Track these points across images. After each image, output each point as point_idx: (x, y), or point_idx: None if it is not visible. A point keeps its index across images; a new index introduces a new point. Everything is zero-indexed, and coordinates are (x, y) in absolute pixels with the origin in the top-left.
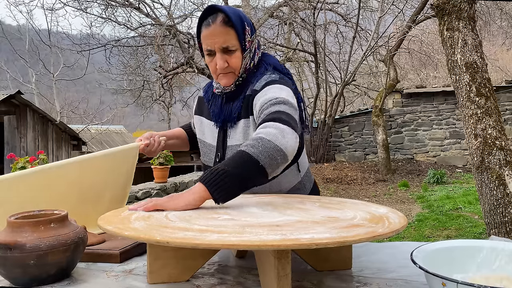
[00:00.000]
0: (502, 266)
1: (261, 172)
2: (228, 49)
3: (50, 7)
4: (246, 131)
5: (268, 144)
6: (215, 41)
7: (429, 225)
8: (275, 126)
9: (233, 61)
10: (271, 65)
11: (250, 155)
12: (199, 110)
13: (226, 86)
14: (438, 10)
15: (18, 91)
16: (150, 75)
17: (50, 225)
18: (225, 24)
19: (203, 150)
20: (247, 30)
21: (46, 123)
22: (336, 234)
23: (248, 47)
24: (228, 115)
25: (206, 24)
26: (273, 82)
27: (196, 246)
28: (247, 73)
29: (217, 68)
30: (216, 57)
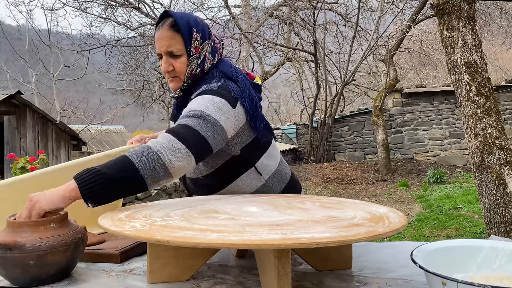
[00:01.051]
0: (502, 265)
1: (139, 181)
2: (173, 54)
3: (50, 7)
4: None
5: (152, 156)
6: (162, 44)
7: (429, 225)
8: (169, 140)
9: (177, 65)
10: (221, 71)
11: (131, 162)
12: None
13: (173, 89)
14: (438, 9)
15: (18, 91)
16: (150, 75)
17: (50, 225)
18: (171, 28)
19: None
20: (195, 36)
21: (46, 123)
22: (336, 234)
23: (194, 53)
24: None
25: (157, 28)
26: (206, 92)
27: (196, 246)
28: (193, 79)
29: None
30: (162, 60)
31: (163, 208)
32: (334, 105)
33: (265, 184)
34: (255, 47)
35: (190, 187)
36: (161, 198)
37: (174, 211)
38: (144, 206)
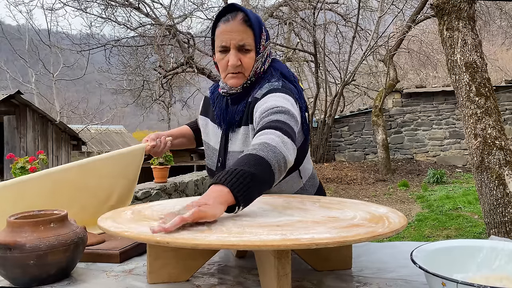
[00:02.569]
0: (502, 266)
1: (272, 177)
2: (244, 48)
3: (50, 7)
4: (246, 139)
5: (275, 150)
6: (232, 38)
7: (429, 225)
8: (277, 135)
9: (246, 60)
10: (279, 70)
11: (264, 159)
12: (205, 111)
13: (234, 86)
14: (438, 10)
15: (18, 91)
16: (150, 75)
17: (50, 225)
18: (245, 22)
19: (207, 153)
20: (264, 34)
21: (46, 123)
22: (336, 234)
23: (262, 51)
24: (232, 119)
25: (225, 20)
26: (275, 90)
27: (196, 246)
28: (256, 78)
29: (228, 66)
30: (230, 54)
31: (164, 209)
32: (334, 105)
33: (303, 187)
34: None
35: None
36: (161, 198)
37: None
38: (144, 206)
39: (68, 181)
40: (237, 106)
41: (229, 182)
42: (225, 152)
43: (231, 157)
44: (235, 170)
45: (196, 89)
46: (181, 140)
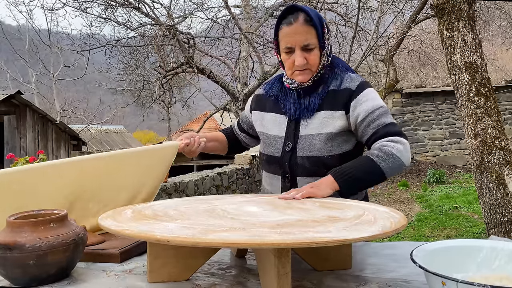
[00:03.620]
0: (502, 265)
1: (380, 182)
2: (308, 47)
3: (50, 7)
4: (326, 122)
5: (396, 161)
6: (296, 39)
7: (428, 225)
8: (402, 142)
9: (311, 58)
10: (344, 66)
11: (380, 169)
12: (259, 106)
13: (302, 82)
14: (438, 10)
15: (18, 91)
16: (150, 75)
17: (50, 225)
18: (307, 23)
19: (266, 142)
20: (325, 29)
21: (46, 123)
22: (336, 233)
23: (326, 45)
24: (306, 108)
25: (287, 23)
26: (367, 85)
27: (196, 245)
28: (324, 69)
29: (294, 65)
30: (296, 54)
31: (164, 208)
32: None
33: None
34: (255, 47)
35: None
36: (161, 198)
37: (174, 211)
38: (144, 206)
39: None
40: (310, 97)
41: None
42: (295, 137)
43: (303, 141)
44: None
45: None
46: (214, 144)
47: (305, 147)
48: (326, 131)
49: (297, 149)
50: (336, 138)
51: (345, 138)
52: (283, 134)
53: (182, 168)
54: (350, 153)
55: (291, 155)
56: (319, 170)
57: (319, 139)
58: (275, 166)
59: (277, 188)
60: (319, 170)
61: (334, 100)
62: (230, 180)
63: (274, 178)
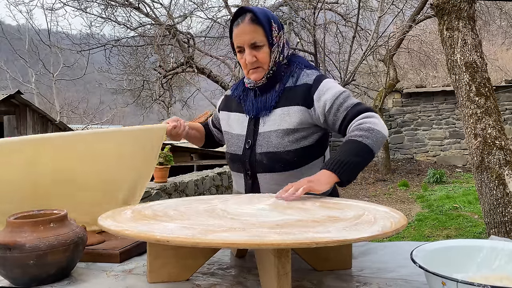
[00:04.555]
0: (502, 265)
1: (371, 160)
2: (256, 45)
3: (50, 7)
4: (283, 118)
5: (378, 135)
6: (244, 38)
7: (429, 225)
8: (375, 116)
9: (260, 56)
10: (302, 64)
11: (368, 147)
12: (226, 106)
13: (256, 80)
14: (438, 9)
15: (18, 91)
16: (150, 75)
17: (50, 225)
18: (253, 22)
19: (230, 141)
20: (274, 26)
21: (46, 123)
22: (336, 233)
23: (276, 42)
24: (263, 106)
25: (236, 24)
26: (324, 76)
27: (196, 245)
28: (277, 67)
29: (246, 64)
30: (245, 53)
31: (164, 208)
32: None
33: None
34: None
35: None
36: (161, 198)
37: (174, 211)
38: (144, 206)
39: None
40: (267, 94)
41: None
42: (254, 135)
43: (262, 137)
44: (344, 160)
45: (196, 89)
46: (195, 133)
47: (263, 143)
48: (282, 127)
49: (256, 146)
50: (293, 134)
51: (303, 134)
52: (244, 133)
53: (182, 168)
54: (309, 148)
55: (251, 152)
56: (277, 166)
57: (276, 135)
58: (238, 164)
59: (241, 186)
60: (276, 165)
61: (291, 97)
62: (230, 180)
63: (238, 176)
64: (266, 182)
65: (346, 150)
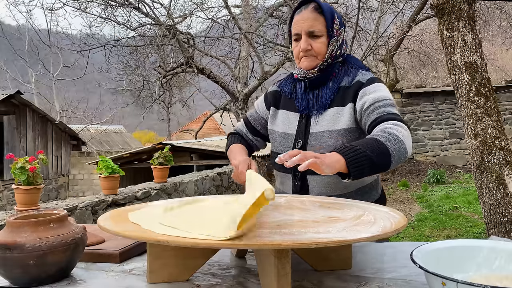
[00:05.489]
0: (502, 266)
1: (387, 166)
2: (314, 34)
3: (50, 7)
4: (338, 118)
5: (401, 145)
6: (303, 25)
7: (428, 225)
8: (405, 129)
9: (316, 45)
10: (357, 64)
11: (388, 150)
12: (275, 103)
13: (307, 69)
14: (438, 10)
15: (18, 91)
16: (149, 75)
17: (50, 225)
18: (315, 10)
19: (276, 140)
20: (336, 20)
21: (45, 123)
22: (336, 234)
23: (336, 35)
24: (316, 103)
25: (299, 12)
26: (379, 80)
27: (196, 245)
28: (333, 60)
29: (300, 51)
30: (301, 40)
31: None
32: None
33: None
34: (255, 47)
35: None
36: (161, 198)
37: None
38: (144, 206)
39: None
40: (318, 91)
41: (349, 158)
42: (305, 134)
43: (314, 138)
44: (359, 149)
45: (196, 89)
46: None
47: (315, 144)
48: (336, 128)
49: (308, 146)
50: (347, 135)
51: (357, 136)
52: (294, 132)
53: (182, 168)
54: None
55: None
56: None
57: (330, 136)
58: None
59: (289, 187)
60: None
61: (344, 96)
62: (230, 180)
63: (285, 177)
64: (316, 184)
65: (365, 144)
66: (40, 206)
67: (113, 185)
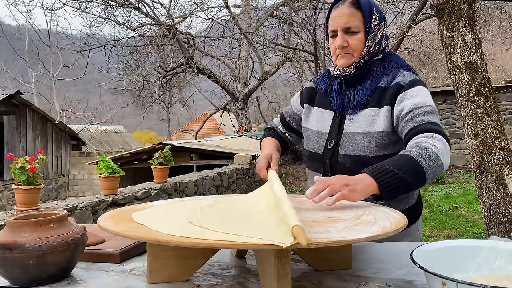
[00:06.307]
0: (502, 266)
1: (422, 184)
2: (350, 30)
3: (50, 7)
4: (373, 120)
5: (437, 161)
6: (339, 21)
7: (429, 225)
8: (443, 142)
9: (353, 42)
10: (398, 63)
11: (422, 167)
12: (310, 100)
13: (343, 66)
14: (438, 9)
15: (18, 91)
16: (149, 75)
17: (50, 225)
18: (352, 5)
19: (309, 138)
20: (375, 15)
21: (45, 123)
22: (336, 234)
23: (374, 30)
24: (351, 102)
25: (336, 7)
26: (420, 83)
27: (196, 246)
28: (370, 57)
29: (336, 48)
30: (337, 37)
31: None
32: None
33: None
34: (255, 47)
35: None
36: (161, 198)
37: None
38: (144, 206)
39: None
40: (354, 89)
41: (382, 181)
42: (338, 134)
43: (347, 139)
44: (392, 171)
45: (196, 89)
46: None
47: (347, 145)
48: (371, 130)
49: (340, 147)
50: (381, 138)
51: (392, 139)
52: (327, 131)
53: (182, 168)
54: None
55: (333, 152)
56: (360, 171)
57: (363, 137)
58: (317, 164)
59: None
60: (360, 170)
61: (382, 97)
62: (230, 180)
63: (316, 176)
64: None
65: (398, 164)
66: (40, 206)
67: (113, 185)
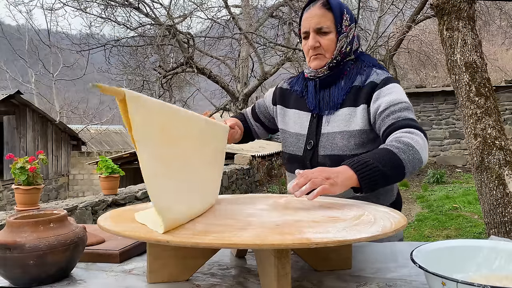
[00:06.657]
0: (502, 265)
1: (401, 177)
2: (322, 31)
3: (50, 7)
4: (350, 119)
5: (416, 155)
6: (310, 22)
7: (428, 225)
8: (422, 138)
9: (324, 42)
10: (371, 62)
11: (402, 162)
12: (283, 101)
13: (316, 68)
14: (438, 10)
15: (18, 91)
16: (149, 75)
17: (50, 225)
18: (323, 6)
19: (287, 140)
20: (346, 16)
21: (45, 123)
22: (336, 234)
23: (345, 31)
24: (327, 103)
25: (307, 9)
26: (394, 80)
27: (196, 245)
28: (343, 57)
29: (309, 49)
30: (309, 38)
31: None
32: None
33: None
34: (255, 47)
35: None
36: None
37: None
38: (144, 206)
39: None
40: (331, 90)
41: (361, 173)
42: (317, 135)
43: (325, 139)
44: (371, 164)
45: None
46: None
47: (327, 145)
48: (349, 129)
49: (319, 147)
50: (359, 136)
51: (370, 137)
52: (305, 132)
53: None
54: None
55: (313, 153)
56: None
57: (341, 137)
58: (297, 165)
59: None
60: None
61: (357, 96)
62: (230, 180)
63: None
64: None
65: (378, 157)
66: (40, 206)
67: (113, 185)
